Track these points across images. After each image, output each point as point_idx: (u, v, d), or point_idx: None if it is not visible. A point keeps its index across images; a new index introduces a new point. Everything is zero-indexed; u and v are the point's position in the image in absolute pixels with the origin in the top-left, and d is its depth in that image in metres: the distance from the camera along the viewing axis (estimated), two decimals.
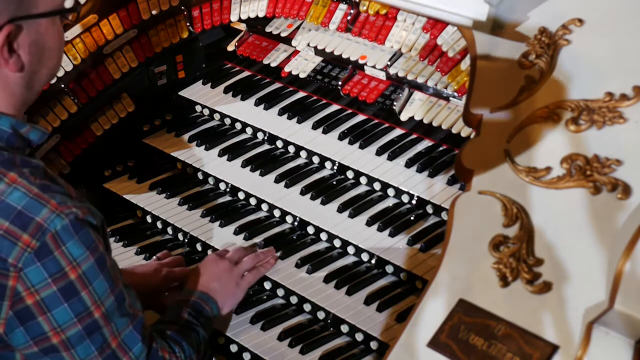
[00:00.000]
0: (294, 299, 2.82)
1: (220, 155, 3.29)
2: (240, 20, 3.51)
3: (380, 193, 2.98)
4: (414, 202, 2.88)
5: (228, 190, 3.22)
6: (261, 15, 3.45)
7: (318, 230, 2.95)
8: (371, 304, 2.68)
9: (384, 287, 2.74)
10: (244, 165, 3.21)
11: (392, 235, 2.80)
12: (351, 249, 2.86)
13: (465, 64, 2.88)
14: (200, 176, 3.30)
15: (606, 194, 2.16)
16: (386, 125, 3.13)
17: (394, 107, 3.07)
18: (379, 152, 3.02)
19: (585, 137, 2.29)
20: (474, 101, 2.49)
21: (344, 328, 2.69)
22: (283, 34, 3.44)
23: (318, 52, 3.34)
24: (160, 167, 3.42)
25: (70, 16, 2.34)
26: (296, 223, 3.02)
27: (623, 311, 1.90)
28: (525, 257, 2.14)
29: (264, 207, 3.10)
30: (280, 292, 2.86)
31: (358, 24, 3.20)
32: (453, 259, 2.23)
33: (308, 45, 3.35)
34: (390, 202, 2.94)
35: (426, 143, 3.03)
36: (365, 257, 2.83)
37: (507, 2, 2.63)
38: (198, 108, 3.53)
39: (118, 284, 2.26)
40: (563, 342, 2.01)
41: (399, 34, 3.09)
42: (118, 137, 3.43)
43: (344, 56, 3.23)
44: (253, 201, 3.13)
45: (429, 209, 2.86)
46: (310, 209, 2.98)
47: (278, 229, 3.03)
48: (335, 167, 3.09)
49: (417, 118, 3.01)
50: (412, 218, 2.86)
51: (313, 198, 3.01)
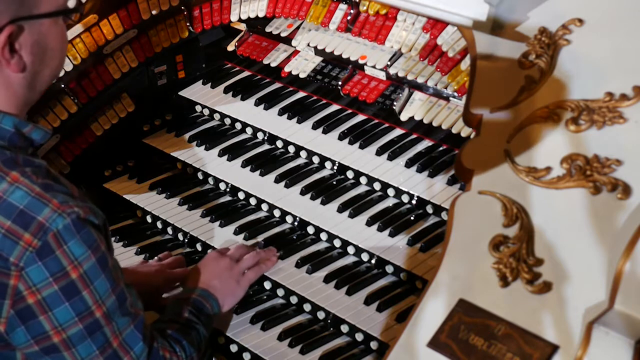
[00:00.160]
0: (294, 299, 2.82)
1: (220, 155, 3.29)
2: (240, 20, 3.51)
3: (380, 193, 2.98)
4: (414, 202, 2.88)
5: (228, 190, 3.22)
6: (261, 15, 3.45)
7: (318, 230, 2.94)
8: (371, 304, 2.68)
9: (384, 287, 2.74)
10: (244, 165, 3.21)
11: (392, 235, 2.80)
12: (351, 249, 2.86)
13: (465, 64, 2.88)
14: (200, 176, 3.30)
15: (606, 194, 2.16)
16: (386, 125, 3.13)
17: (394, 107, 3.07)
18: (379, 152, 3.02)
19: (585, 137, 2.29)
20: (474, 101, 2.49)
21: (344, 328, 2.69)
22: (283, 34, 3.44)
23: (318, 52, 3.34)
24: (160, 167, 3.42)
25: (73, 16, 2.34)
26: (296, 223, 3.02)
27: (623, 311, 1.90)
28: (525, 257, 2.14)
29: (264, 207, 3.10)
30: (280, 292, 2.85)
31: (358, 24, 3.20)
32: (453, 259, 2.23)
33: (308, 45, 3.35)
34: (390, 202, 2.94)
35: (426, 143, 3.03)
36: (365, 257, 2.82)
37: (507, 2, 2.63)
38: (198, 108, 3.53)
39: (119, 284, 2.26)
40: (563, 342, 2.01)
41: (399, 34, 3.09)
42: (118, 137, 3.43)
43: (344, 56, 3.22)
44: (253, 201, 3.13)
45: (429, 209, 2.85)
46: (310, 209, 2.98)
47: (278, 229, 3.03)
48: (335, 167, 3.09)
49: (417, 118, 3.01)
50: (412, 218, 2.86)
51: (313, 198, 3.01)
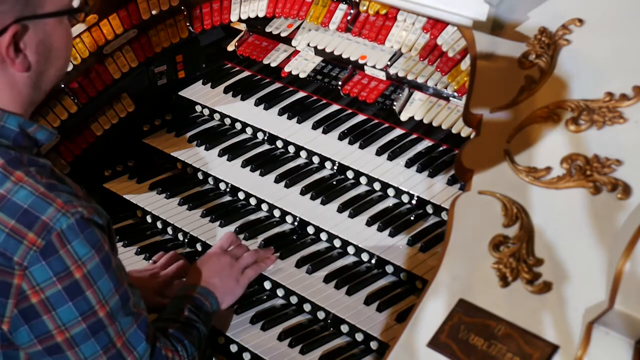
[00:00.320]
0: (294, 299, 2.82)
1: (220, 155, 3.29)
2: (240, 20, 3.51)
3: (380, 193, 2.98)
4: (414, 202, 2.88)
5: (228, 190, 3.22)
6: (261, 15, 3.45)
7: (318, 230, 2.94)
8: (371, 304, 2.68)
9: (384, 287, 2.74)
10: (244, 165, 3.21)
11: (392, 235, 2.80)
12: (351, 249, 2.86)
13: (465, 64, 2.88)
14: (200, 176, 3.30)
15: (606, 194, 2.16)
16: (386, 125, 3.13)
17: (394, 107, 3.07)
18: (379, 152, 3.02)
19: (585, 137, 2.29)
20: (474, 101, 2.49)
21: (344, 328, 2.69)
22: (283, 34, 3.43)
23: (318, 52, 3.34)
24: (160, 167, 3.42)
25: (77, 16, 2.34)
26: (296, 223, 3.01)
27: (623, 311, 1.90)
28: (525, 257, 2.14)
29: (264, 207, 3.10)
30: (280, 292, 2.85)
31: (358, 24, 3.20)
32: (453, 259, 2.23)
33: (308, 45, 3.35)
34: (390, 202, 2.94)
35: (426, 143, 3.03)
36: (365, 257, 2.82)
37: (507, 2, 2.63)
38: (198, 108, 3.53)
39: (123, 284, 2.27)
40: (563, 342, 2.01)
41: (399, 34, 3.09)
42: (118, 137, 3.43)
43: (344, 56, 3.22)
44: (253, 201, 3.13)
45: (429, 209, 2.85)
46: (310, 209, 2.98)
47: (278, 229, 3.03)
48: (335, 167, 3.09)
49: (417, 118, 3.01)
50: (412, 218, 2.86)
51: (313, 198, 3.01)
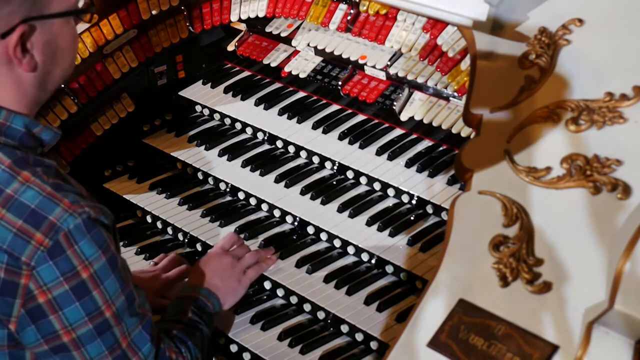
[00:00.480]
0: (294, 299, 2.82)
1: (220, 155, 3.29)
2: (240, 20, 3.51)
3: (380, 193, 2.98)
4: (414, 202, 2.88)
5: (228, 190, 3.22)
6: (261, 15, 3.44)
7: (318, 230, 2.94)
8: (371, 304, 2.68)
9: (384, 287, 2.74)
10: (244, 165, 3.21)
11: (392, 235, 2.80)
12: (351, 249, 2.86)
13: (465, 64, 2.88)
14: (200, 176, 3.30)
15: (606, 194, 2.16)
16: (386, 125, 3.13)
17: (394, 107, 3.07)
18: (379, 152, 3.02)
19: (585, 137, 2.29)
20: (474, 101, 2.49)
21: (344, 328, 2.69)
22: (283, 34, 3.43)
23: (318, 52, 3.34)
24: (160, 167, 3.42)
25: (84, 16, 2.34)
26: (296, 223, 3.01)
27: (623, 311, 1.90)
28: (525, 257, 2.14)
29: (264, 207, 3.10)
30: (280, 292, 2.85)
31: (358, 24, 3.20)
32: (453, 259, 2.23)
33: (308, 45, 3.35)
34: (390, 202, 2.94)
35: (426, 143, 3.03)
36: (365, 257, 2.82)
37: (507, 2, 2.63)
38: (198, 108, 3.53)
39: (128, 284, 2.27)
40: (563, 342, 2.01)
41: (399, 34, 3.09)
42: (118, 137, 3.43)
43: (344, 56, 3.22)
44: (253, 201, 3.13)
45: (429, 209, 2.85)
46: (310, 209, 2.98)
47: (278, 229, 3.03)
48: (335, 167, 3.09)
49: (417, 118, 3.01)
50: (412, 218, 2.86)
51: (313, 198, 3.01)
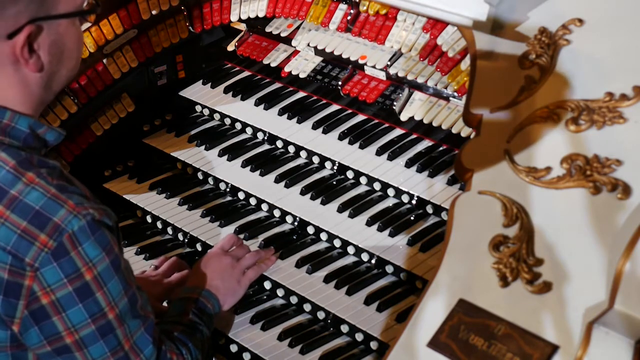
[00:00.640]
0: (294, 299, 2.82)
1: (220, 155, 3.29)
2: (240, 20, 3.51)
3: (380, 193, 2.98)
4: (414, 202, 2.88)
5: (228, 190, 3.22)
6: (261, 15, 3.44)
7: (318, 230, 2.94)
8: (371, 304, 2.68)
9: (384, 287, 2.74)
10: (244, 165, 3.21)
11: (392, 235, 2.80)
12: (351, 249, 2.86)
13: (465, 64, 2.88)
14: (200, 176, 3.30)
15: (606, 194, 2.16)
16: (386, 125, 3.13)
17: (394, 107, 3.07)
18: (379, 152, 3.02)
19: (585, 137, 2.29)
20: (474, 101, 2.49)
21: (344, 328, 2.69)
22: (283, 34, 3.43)
23: (318, 52, 3.34)
24: (160, 167, 3.42)
25: (89, 17, 2.34)
26: (296, 223, 3.01)
27: (623, 311, 1.90)
28: (525, 257, 2.14)
29: (264, 207, 3.10)
30: (280, 292, 2.85)
31: (358, 24, 3.20)
32: (453, 259, 2.23)
33: (308, 45, 3.35)
34: (390, 202, 2.94)
35: (426, 143, 3.03)
36: (365, 257, 2.82)
37: (507, 2, 2.62)
38: (198, 108, 3.53)
39: (131, 286, 2.27)
40: (563, 342, 2.01)
41: (399, 34, 3.09)
42: (118, 137, 3.43)
43: (344, 56, 3.22)
44: (253, 201, 3.13)
45: (429, 209, 2.85)
46: (310, 209, 2.98)
47: (278, 229, 3.03)
48: (335, 167, 3.09)
49: (417, 118, 3.01)
50: (412, 218, 2.86)
51: (313, 198, 3.01)
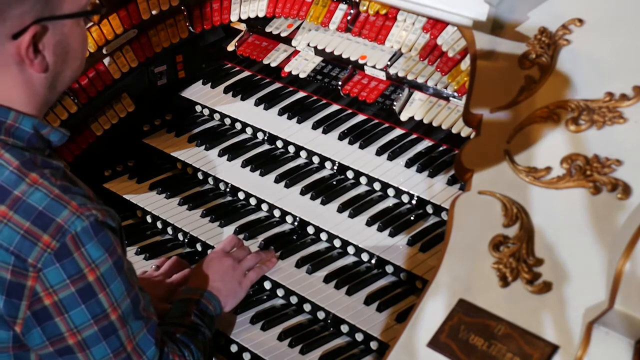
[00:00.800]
0: (294, 299, 2.82)
1: (220, 155, 3.29)
2: (240, 20, 3.51)
3: (380, 193, 2.98)
4: (414, 202, 2.88)
5: (228, 190, 3.22)
6: (261, 15, 3.44)
7: (318, 230, 2.94)
8: (371, 304, 2.68)
9: (384, 287, 2.74)
10: (244, 165, 3.21)
11: (392, 235, 2.80)
12: (351, 249, 2.86)
13: (465, 64, 2.88)
14: (200, 176, 3.30)
15: (606, 194, 2.16)
16: (386, 125, 3.13)
17: (394, 107, 3.07)
18: (379, 152, 3.02)
19: (585, 137, 2.29)
20: (474, 101, 2.49)
21: (344, 328, 2.69)
22: (283, 34, 3.43)
23: (318, 52, 3.34)
24: (160, 167, 3.42)
25: (93, 17, 2.34)
26: (296, 223, 3.01)
27: (623, 311, 1.90)
28: (525, 257, 2.14)
29: (264, 207, 3.10)
30: (280, 292, 2.85)
31: (358, 24, 3.20)
32: (453, 259, 2.23)
33: (308, 45, 3.35)
34: (390, 202, 2.94)
35: (426, 143, 3.03)
36: (365, 257, 2.82)
37: (507, 2, 2.62)
38: (198, 108, 3.53)
39: (134, 287, 2.27)
40: (563, 342, 2.01)
41: (399, 34, 3.09)
42: (118, 137, 3.43)
43: (344, 56, 3.22)
44: (253, 201, 3.13)
45: (429, 209, 2.85)
46: (310, 209, 2.98)
47: (278, 229, 3.03)
48: (335, 167, 3.09)
49: (417, 118, 3.01)
50: (412, 218, 2.86)
51: (313, 198, 3.01)
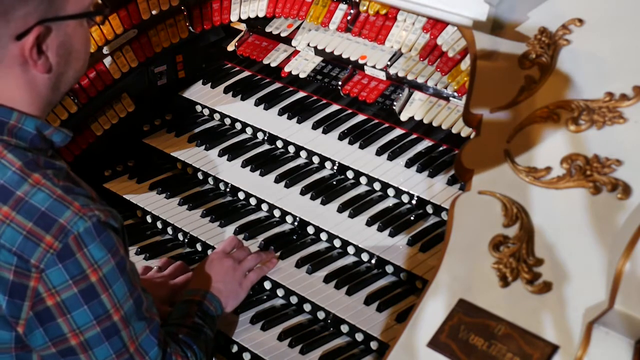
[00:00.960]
0: (294, 299, 2.82)
1: (220, 155, 3.29)
2: (240, 20, 3.51)
3: (380, 193, 2.98)
4: (414, 202, 2.88)
5: (228, 190, 3.22)
6: (261, 15, 3.44)
7: (318, 230, 2.94)
8: (371, 304, 2.68)
9: (384, 287, 2.74)
10: (244, 165, 3.21)
11: (392, 235, 2.80)
12: (351, 249, 2.86)
13: (465, 64, 2.88)
14: (200, 176, 3.30)
15: (606, 194, 2.16)
16: (386, 125, 3.13)
17: (394, 107, 3.07)
18: (379, 152, 3.02)
19: (585, 137, 2.29)
20: (474, 101, 2.49)
21: (344, 328, 2.69)
22: (283, 34, 3.43)
23: (318, 52, 3.34)
24: (160, 167, 3.42)
25: (97, 18, 2.34)
26: (296, 223, 3.01)
27: (623, 311, 1.90)
28: (525, 257, 2.14)
29: (264, 207, 3.10)
30: (280, 292, 2.85)
31: (358, 24, 3.20)
32: (453, 259, 2.23)
33: (308, 45, 3.35)
34: (390, 202, 2.94)
35: (426, 143, 3.03)
36: (365, 257, 2.82)
37: (507, 2, 2.62)
38: (198, 108, 3.53)
39: (137, 288, 2.27)
40: (563, 342, 2.01)
41: (399, 34, 3.09)
42: (118, 137, 3.43)
43: (344, 56, 3.22)
44: (253, 201, 3.13)
45: (429, 209, 2.85)
46: (310, 209, 2.98)
47: (278, 229, 3.03)
48: (335, 167, 3.09)
49: (417, 118, 3.01)
50: (412, 218, 2.86)
51: (313, 198, 3.01)
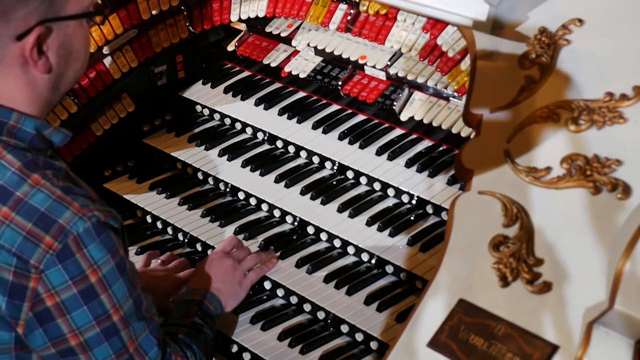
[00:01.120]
0: (294, 299, 2.82)
1: (220, 155, 3.29)
2: (240, 20, 3.51)
3: (380, 193, 2.98)
4: (414, 202, 2.88)
5: (228, 190, 3.22)
6: (261, 15, 3.44)
7: (318, 230, 2.94)
8: (371, 304, 2.68)
9: (384, 287, 2.74)
10: (244, 165, 3.21)
11: (392, 235, 2.80)
12: (351, 249, 2.86)
13: (465, 64, 2.88)
14: (200, 176, 3.30)
15: (606, 194, 2.16)
16: (386, 125, 3.13)
17: (394, 107, 3.07)
18: (379, 152, 3.02)
19: (585, 137, 2.29)
20: (474, 101, 2.49)
21: (344, 328, 2.69)
22: (283, 34, 3.43)
23: (318, 52, 3.34)
24: (160, 167, 3.42)
25: (97, 18, 2.35)
26: (296, 223, 3.01)
27: (623, 311, 1.90)
28: (525, 257, 2.14)
29: (264, 207, 3.10)
30: (280, 292, 2.85)
31: (358, 24, 3.20)
32: (453, 259, 2.23)
33: (308, 45, 3.35)
34: (390, 202, 2.94)
35: (426, 143, 3.03)
36: (365, 257, 2.82)
37: (507, 2, 2.62)
38: (198, 108, 3.53)
39: (136, 288, 2.27)
40: (563, 342, 2.01)
41: (399, 34, 3.09)
42: (118, 137, 3.43)
43: (344, 56, 3.22)
44: (253, 201, 3.13)
45: (429, 209, 2.85)
46: (310, 209, 2.98)
47: (278, 229, 3.03)
48: (335, 167, 3.09)
49: (417, 118, 3.01)
50: (412, 218, 2.86)
51: (313, 198, 3.01)
